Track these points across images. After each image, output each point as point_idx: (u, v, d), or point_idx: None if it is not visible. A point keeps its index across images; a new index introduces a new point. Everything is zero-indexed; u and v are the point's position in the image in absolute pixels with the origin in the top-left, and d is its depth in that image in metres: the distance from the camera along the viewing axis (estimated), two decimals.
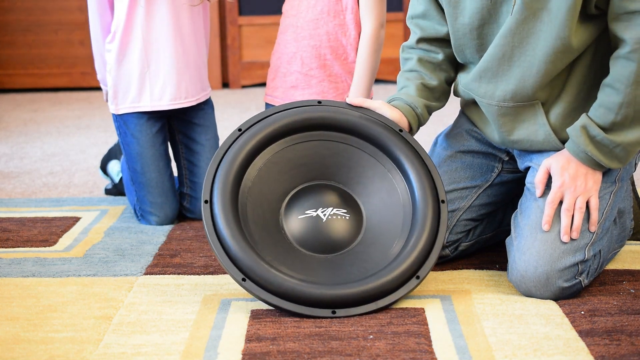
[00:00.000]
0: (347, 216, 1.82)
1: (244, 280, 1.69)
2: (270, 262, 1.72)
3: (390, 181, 1.83)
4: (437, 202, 1.79)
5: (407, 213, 1.80)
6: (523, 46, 1.75)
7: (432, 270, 1.93)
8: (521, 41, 1.74)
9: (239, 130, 1.83)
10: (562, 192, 1.75)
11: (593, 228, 1.76)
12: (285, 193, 1.85)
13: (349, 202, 1.84)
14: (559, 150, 1.81)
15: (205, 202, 1.75)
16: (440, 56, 1.93)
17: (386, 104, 1.88)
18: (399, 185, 1.83)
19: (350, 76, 2.28)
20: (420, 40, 1.95)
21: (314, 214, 1.82)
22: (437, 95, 1.95)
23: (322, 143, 1.87)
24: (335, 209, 1.83)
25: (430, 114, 1.94)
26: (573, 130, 1.74)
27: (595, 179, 1.76)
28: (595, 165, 1.75)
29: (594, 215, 1.76)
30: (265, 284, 1.68)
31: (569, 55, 1.73)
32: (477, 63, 1.86)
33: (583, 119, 1.73)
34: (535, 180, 1.79)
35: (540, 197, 1.78)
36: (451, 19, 1.85)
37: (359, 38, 2.26)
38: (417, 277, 1.72)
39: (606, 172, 1.80)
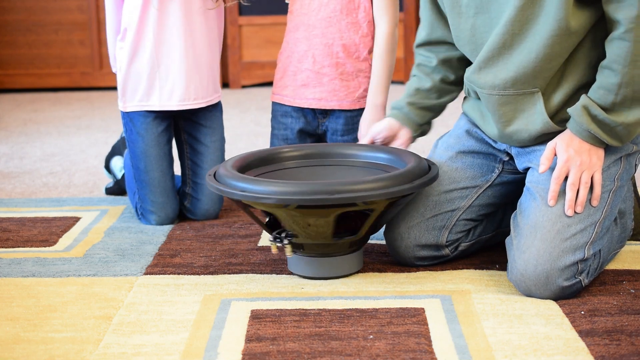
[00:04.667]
0: None
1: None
2: None
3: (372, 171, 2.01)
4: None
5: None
6: (522, 33, 1.78)
7: (432, 270, 1.94)
8: (521, 28, 1.77)
9: None
10: (568, 167, 1.77)
11: (595, 202, 1.77)
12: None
13: None
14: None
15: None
16: (434, 61, 2.05)
17: (375, 124, 2.11)
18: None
19: (362, 74, 2.29)
20: (419, 45, 2.08)
21: None
22: (434, 95, 2.06)
23: (315, 168, 2.06)
24: None
25: (431, 111, 2.08)
26: (574, 110, 1.77)
27: (598, 155, 1.78)
28: (597, 142, 1.77)
29: (597, 189, 1.78)
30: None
31: (567, 39, 1.75)
32: (471, 55, 1.89)
33: (584, 99, 1.76)
34: (541, 158, 1.80)
35: (543, 172, 1.79)
36: (452, 14, 1.90)
37: (371, 36, 2.27)
38: None
39: (605, 171, 1.80)
